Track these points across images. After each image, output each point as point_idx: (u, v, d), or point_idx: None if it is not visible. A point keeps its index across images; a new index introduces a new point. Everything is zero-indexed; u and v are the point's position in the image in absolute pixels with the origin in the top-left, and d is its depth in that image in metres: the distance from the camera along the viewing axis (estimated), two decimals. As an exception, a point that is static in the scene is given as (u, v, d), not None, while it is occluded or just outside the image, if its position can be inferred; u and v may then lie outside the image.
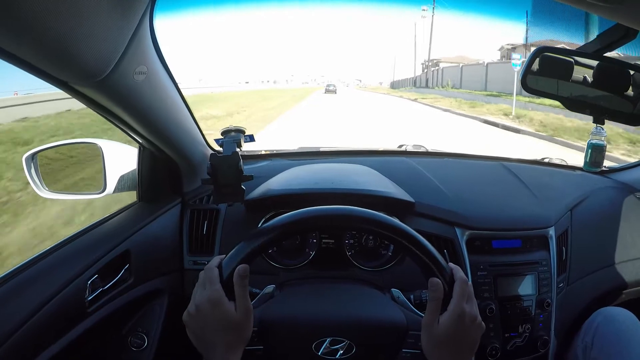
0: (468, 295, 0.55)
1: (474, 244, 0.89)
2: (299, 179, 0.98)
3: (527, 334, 0.87)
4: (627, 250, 1.05)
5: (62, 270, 0.68)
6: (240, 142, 0.74)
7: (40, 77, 0.52)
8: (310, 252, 0.90)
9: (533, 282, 0.89)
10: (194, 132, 0.91)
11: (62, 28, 0.44)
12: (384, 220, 0.57)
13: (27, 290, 0.63)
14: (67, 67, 0.51)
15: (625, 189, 1.17)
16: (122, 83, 0.59)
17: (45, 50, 0.47)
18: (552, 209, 0.98)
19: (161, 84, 0.71)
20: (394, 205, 0.91)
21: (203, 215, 0.94)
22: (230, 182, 0.72)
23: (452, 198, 0.96)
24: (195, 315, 0.54)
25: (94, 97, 0.60)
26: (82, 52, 0.49)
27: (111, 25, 0.50)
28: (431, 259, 0.55)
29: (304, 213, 0.57)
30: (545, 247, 0.93)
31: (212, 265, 0.56)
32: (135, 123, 0.72)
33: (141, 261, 0.83)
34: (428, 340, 0.55)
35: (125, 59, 0.56)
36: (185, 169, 0.94)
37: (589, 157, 0.74)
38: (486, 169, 1.19)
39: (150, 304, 0.87)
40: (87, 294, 0.70)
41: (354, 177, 0.99)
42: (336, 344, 0.64)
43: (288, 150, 1.29)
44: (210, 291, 0.53)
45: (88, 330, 0.70)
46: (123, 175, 0.91)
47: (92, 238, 0.78)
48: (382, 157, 1.25)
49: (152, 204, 0.91)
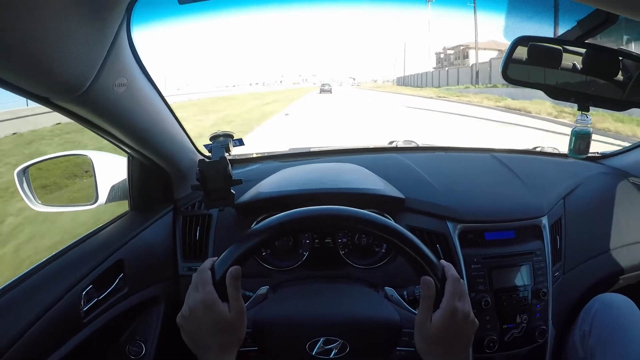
0: (460, 293, 0.55)
1: (466, 237, 0.89)
2: (288, 180, 0.98)
3: (525, 324, 0.87)
4: (622, 235, 1.05)
5: (56, 282, 0.69)
6: (228, 146, 0.75)
7: (20, 94, 0.52)
8: (304, 253, 0.90)
9: (528, 272, 0.88)
10: (181, 139, 0.91)
11: (38, 45, 0.45)
12: (375, 220, 0.57)
13: (21, 304, 0.64)
14: (45, 83, 0.51)
15: (618, 174, 1.16)
16: (103, 96, 0.59)
17: (21, 68, 0.47)
18: (544, 198, 0.97)
19: (143, 94, 0.71)
20: (384, 202, 0.91)
21: (195, 221, 0.95)
22: (219, 187, 0.72)
23: (442, 192, 0.96)
24: (189, 318, 0.54)
25: (77, 111, 0.61)
26: (59, 68, 0.49)
27: (87, 40, 0.51)
28: (423, 257, 0.55)
29: (295, 214, 0.57)
30: (539, 236, 0.92)
31: (204, 267, 0.56)
32: (120, 134, 0.72)
33: (135, 270, 0.83)
34: (421, 338, 0.55)
35: (104, 72, 0.56)
36: (176, 176, 0.94)
37: (573, 145, 0.73)
38: (476, 161, 1.18)
39: (147, 311, 0.88)
40: (83, 304, 0.71)
41: (343, 176, 0.99)
42: (330, 343, 0.64)
43: (279, 152, 1.28)
44: (203, 293, 0.53)
45: (85, 341, 0.71)
46: (114, 185, 0.92)
47: (85, 249, 0.78)
48: (373, 154, 1.24)
49: (144, 213, 0.92)
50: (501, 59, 0.69)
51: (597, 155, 1.29)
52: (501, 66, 0.67)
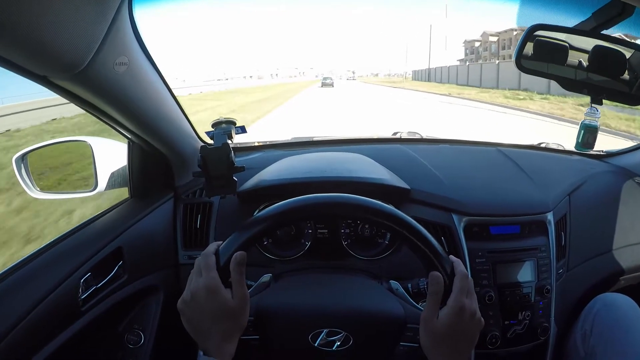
0: (468, 290, 0.55)
1: (471, 230, 0.88)
2: (291, 168, 0.96)
3: (527, 321, 0.86)
4: (626, 235, 1.04)
5: (54, 269, 0.68)
6: (231, 133, 0.73)
7: (18, 72, 0.51)
8: (306, 243, 0.89)
9: (532, 268, 0.87)
10: (183, 125, 0.90)
11: (36, 19, 0.43)
12: (385, 210, 0.56)
13: (19, 291, 0.63)
14: (43, 60, 0.49)
15: (624, 173, 1.16)
16: (102, 75, 0.58)
17: (19, 43, 0.45)
18: (550, 194, 0.96)
19: (145, 76, 0.69)
20: (389, 193, 0.90)
21: (196, 209, 0.93)
22: (221, 174, 0.71)
23: (448, 184, 0.95)
24: (191, 303, 0.53)
25: (75, 91, 0.59)
26: (58, 44, 0.48)
27: (87, 15, 0.49)
28: (432, 251, 0.54)
29: (303, 200, 0.56)
30: (544, 232, 0.91)
31: (209, 251, 0.55)
32: (120, 116, 0.70)
33: (135, 258, 0.82)
34: (427, 334, 0.54)
35: (104, 50, 0.54)
36: (176, 162, 0.93)
37: (581, 138, 0.72)
38: (482, 155, 1.17)
39: (146, 300, 0.87)
40: (81, 292, 0.70)
41: (347, 165, 0.98)
42: (333, 335, 0.63)
43: (281, 140, 1.27)
44: (207, 278, 0.52)
45: (83, 329, 0.70)
46: (114, 172, 0.90)
47: (83, 236, 0.77)
48: (377, 145, 1.23)
49: (144, 200, 0.90)
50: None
51: (602, 154, 1.28)
52: (514, 56, 0.66)
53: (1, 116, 6.45)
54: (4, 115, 6.51)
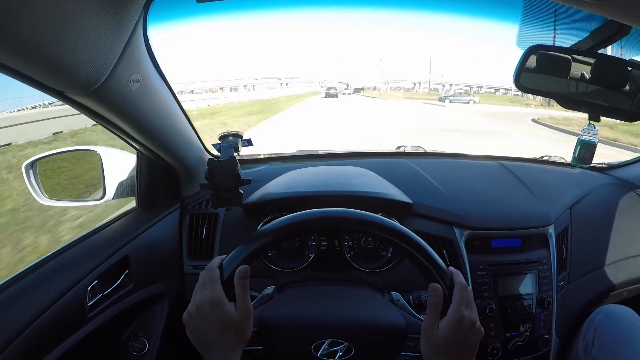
0: (467, 301, 0.55)
1: (473, 243, 0.89)
2: (296, 182, 0.98)
3: (528, 333, 0.87)
4: (627, 247, 1.05)
5: (62, 276, 0.69)
6: (237, 146, 0.75)
7: (36, 87, 0.53)
8: (310, 255, 0.90)
9: (533, 281, 0.88)
10: (191, 138, 0.92)
11: (56, 39, 0.45)
12: (385, 224, 0.57)
13: (27, 297, 0.64)
14: (61, 77, 0.51)
15: (625, 185, 1.16)
16: (117, 91, 0.60)
17: (39, 61, 0.47)
18: (551, 207, 0.97)
19: (156, 91, 0.71)
20: (392, 207, 0.91)
21: (202, 219, 0.95)
22: (228, 187, 0.72)
23: (450, 198, 0.96)
24: (196, 315, 0.54)
25: (90, 106, 0.61)
26: (76, 62, 0.50)
27: (105, 35, 0.51)
28: (432, 263, 0.55)
29: (307, 215, 0.57)
30: (545, 245, 0.92)
31: (213, 265, 0.56)
32: (132, 130, 0.72)
33: (141, 266, 0.83)
34: (427, 345, 0.55)
35: (120, 68, 0.56)
36: (184, 174, 0.95)
37: (577, 153, 0.74)
38: (484, 169, 1.18)
39: (151, 308, 0.88)
40: (87, 299, 0.71)
41: (351, 179, 0.99)
42: (335, 345, 0.64)
43: (286, 153, 1.29)
44: (211, 291, 0.53)
45: (89, 336, 0.71)
46: (122, 181, 0.92)
47: (91, 244, 0.78)
48: (381, 158, 1.25)
49: (151, 210, 0.92)
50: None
51: (604, 166, 1.29)
52: (513, 75, 0.67)
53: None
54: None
